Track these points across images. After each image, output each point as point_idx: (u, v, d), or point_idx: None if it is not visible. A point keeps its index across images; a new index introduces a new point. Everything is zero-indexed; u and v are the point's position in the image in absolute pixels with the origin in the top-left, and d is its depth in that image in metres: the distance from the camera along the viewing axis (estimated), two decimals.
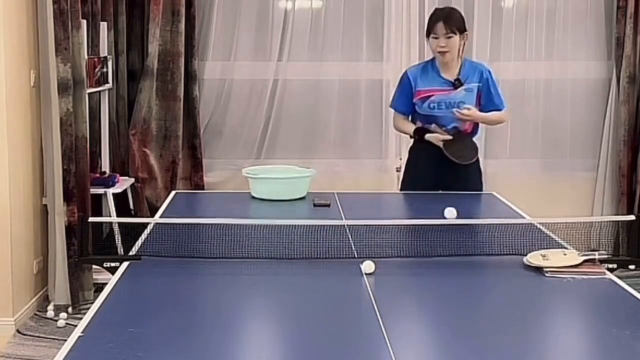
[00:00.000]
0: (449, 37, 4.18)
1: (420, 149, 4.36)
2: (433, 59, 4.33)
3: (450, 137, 4.21)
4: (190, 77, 5.72)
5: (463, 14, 5.78)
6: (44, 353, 4.29)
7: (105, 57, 5.32)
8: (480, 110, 4.28)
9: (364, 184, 5.75)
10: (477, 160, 4.38)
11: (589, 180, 5.99)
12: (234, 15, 5.87)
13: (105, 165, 5.44)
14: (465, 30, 4.26)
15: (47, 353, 4.24)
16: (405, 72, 4.39)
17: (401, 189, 4.55)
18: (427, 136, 4.26)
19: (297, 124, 5.97)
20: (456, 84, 4.24)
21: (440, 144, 4.21)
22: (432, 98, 4.25)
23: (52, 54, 4.65)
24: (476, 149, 4.31)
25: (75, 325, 2.37)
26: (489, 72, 4.33)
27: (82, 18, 4.87)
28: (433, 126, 4.25)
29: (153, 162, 5.66)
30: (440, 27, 4.18)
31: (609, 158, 5.91)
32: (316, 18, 5.88)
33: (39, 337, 4.54)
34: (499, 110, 4.35)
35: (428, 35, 4.25)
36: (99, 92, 5.33)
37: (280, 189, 4.07)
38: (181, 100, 5.66)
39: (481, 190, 4.41)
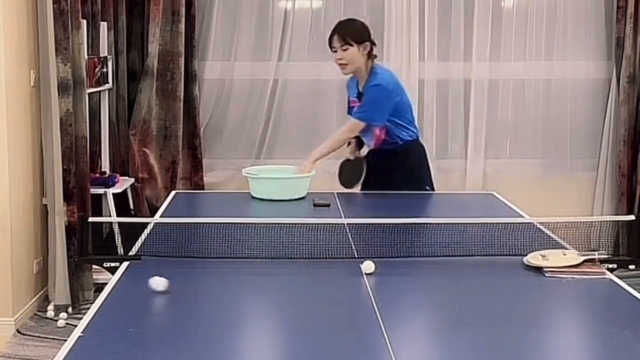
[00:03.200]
0: (345, 49, 4.09)
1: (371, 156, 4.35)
2: None
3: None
4: (190, 77, 5.72)
5: (463, 13, 5.85)
6: (44, 353, 4.29)
7: (105, 57, 5.32)
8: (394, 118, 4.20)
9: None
10: (426, 161, 4.35)
11: (589, 180, 5.99)
12: (234, 15, 5.87)
13: (105, 165, 5.44)
14: (366, 40, 4.12)
15: (47, 353, 4.24)
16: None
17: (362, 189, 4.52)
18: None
19: (297, 124, 5.97)
20: (359, 96, 4.20)
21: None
22: (354, 109, 4.23)
23: (52, 54, 4.65)
24: (360, 173, 4.25)
25: (75, 325, 2.37)
26: (373, 84, 4.11)
27: (82, 18, 4.87)
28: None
29: (153, 162, 5.66)
30: (335, 40, 4.11)
31: (609, 158, 5.91)
32: (316, 18, 5.88)
33: (39, 337, 4.54)
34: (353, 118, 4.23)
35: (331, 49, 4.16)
36: (99, 92, 5.33)
37: (280, 189, 4.06)
38: (181, 100, 5.66)
39: (433, 189, 4.38)
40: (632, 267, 3.07)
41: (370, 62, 4.17)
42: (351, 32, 4.12)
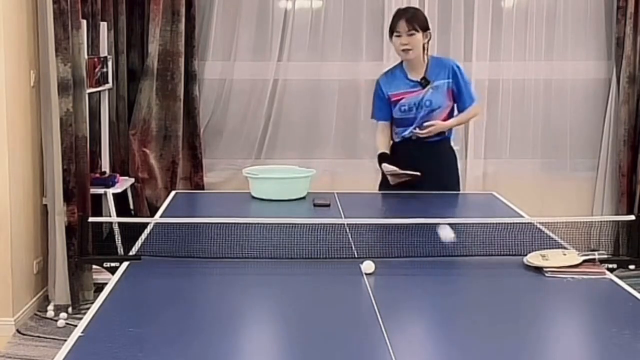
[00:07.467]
0: (411, 35, 4.14)
1: (399, 151, 4.33)
2: (401, 63, 4.30)
3: (400, 172, 4.14)
4: (190, 77, 5.72)
5: (463, 14, 5.86)
6: (44, 353, 4.29)
7: (105, 57, 5.32)
8: (455, 107, 4.26)
9: (364, 184, 5.74)
10: (455, 162, 4.39)
11: (589, 180, 5.99)
12: (234, 15, 5.87)
13: (105, 165, 5.44)
14: (428, 28, 4.24)
15: (47, 353, 4.24)
16: (377, 81, 4.37)
17: (379, 189, 4.53)
18: (383, 166, 4.22)
19: (297, 124, 5.97)
20: (423, 83, 4.21)
21: (390, 178, 4.19)
22: (402, 101, 4.22)
23: (52, 54, 4.65)
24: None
25: (75, 325, 2.37)
26: (457, 66, 4.28)
27: (82, 18, 4.87)
28: (409, 131, 4.22)
29: (153, 162, 5.66)
30: (402, 24, 4.15)
31: (609, 158, 5.92)
32: (316, 18, 5.89)
33: (39, 337, 4.54)
34: (472, 103, 4.29)
35: (391, 34, 4.21)
36: (99, 92, 5.33)
37: (280, 189, 4.07)
38: (181, 100, 5.67)
39: (459, 191, 4.41)
40: (632, 267, 3.07)
41: (427, 50, 4.25)
42: (417, 19, 4.19)
